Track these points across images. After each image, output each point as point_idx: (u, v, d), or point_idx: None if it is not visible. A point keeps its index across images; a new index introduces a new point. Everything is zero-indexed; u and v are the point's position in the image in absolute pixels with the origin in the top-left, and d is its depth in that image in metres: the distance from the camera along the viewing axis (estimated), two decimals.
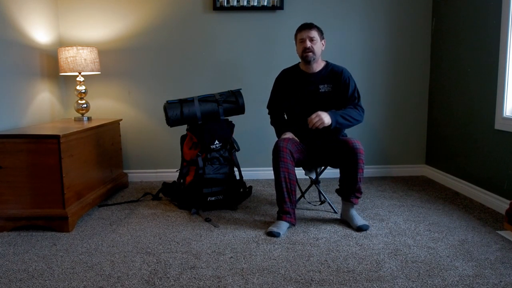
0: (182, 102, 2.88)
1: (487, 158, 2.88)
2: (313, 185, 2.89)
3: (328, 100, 2.59)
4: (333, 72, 2.60)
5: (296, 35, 2.61)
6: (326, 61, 2.67)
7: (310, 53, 2.52)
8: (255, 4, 3.47)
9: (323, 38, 2.60)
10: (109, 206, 2.96)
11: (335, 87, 2.59)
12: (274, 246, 2.24)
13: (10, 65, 2.81)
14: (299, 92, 2.62)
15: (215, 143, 2.81)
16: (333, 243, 2.27)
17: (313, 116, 2.40)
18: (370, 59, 3.65)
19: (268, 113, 2.86)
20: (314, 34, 2.53)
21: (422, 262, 2.03)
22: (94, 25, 3.51)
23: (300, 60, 2.66)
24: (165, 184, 3.15)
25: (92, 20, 3.50)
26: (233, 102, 2.95)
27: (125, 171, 3.61)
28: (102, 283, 1.85)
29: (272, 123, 2.82)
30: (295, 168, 2.51)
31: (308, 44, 2.51)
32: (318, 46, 2.55)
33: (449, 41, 3.37)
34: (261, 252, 2.16)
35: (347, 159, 2.42)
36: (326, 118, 2.39)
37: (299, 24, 3.62)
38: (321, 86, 2.59)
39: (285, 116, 2.80)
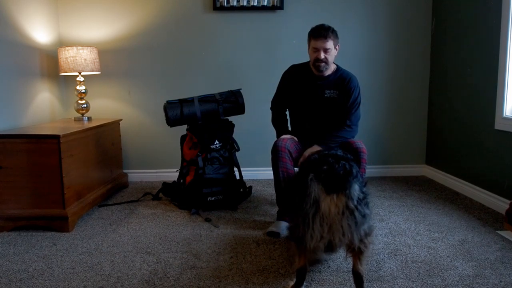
0: (182, 102, 2.88)
1: (487, 158, 2.88)
2: None
3: (332, 106, 2.54)
4: (341, 79, 2.53)
5: (310, 39, 2.48)
6: (337, 65, 2.59)
7: (323, 64, 2.43)
8: (255, 4, 3.47)
9: (337, 43, 2.47)
10: (109, 206, 2.96)
11: (341, 93, 2.53)
12: (274, 246, 2.23)
13: (10, 65, 2.81)
14: (305, 94, 2.57)
15: (215, 143, 2.81)
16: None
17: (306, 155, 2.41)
18: (370, 59, 3.65)
19: (271, 108, 2.76)
20: (330, 44, 2.40)
21: (422, 262, 2.03)
22: (94, 25, 3.51)
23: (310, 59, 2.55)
24: (165, 184, 3.15)
25: (92, 20, 3.50)
26: (233, 102, 2.95)
27: (125, 171, 3.61)
28: (102, 283, 1.85)
29: (273, 121, 2.74)
30: (295, 168, 2.51)
31: (322, 55, 2.40)
32: (332, 55, 2.44)
33: (449, 41, 3.37)
34: (261, 252, 2.16)
35: None
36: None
37: (299, 24, 3.59)
38: (327, 91, 2.52)
39: (287, 112, 2.76)
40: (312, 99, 2.55)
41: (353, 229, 1.48)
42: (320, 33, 2.40)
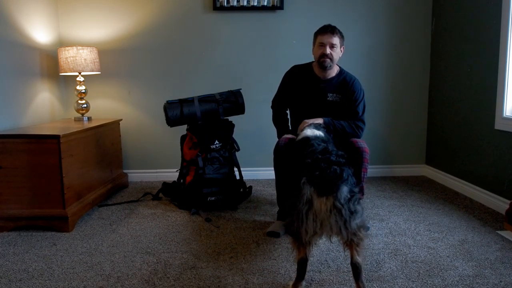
0: (182, 102, 2.88)
1: (487, 158, 2.88)
2: None
3: (334, 109, 2.52)
4: (344, 82, 2.51)
5: (316, 36, 2.49)
6: (340, 68, 2.58)
7: (328, 60, 2.42)
8: (255, 4, 3.47)
9: (343, 45, 2.49)
10: (109, 206, 2.96)
11: (344, 97, 2.51)
12: (274, 246, 2.23)
13: (10, 65, 2.81)
14: (307, 96, 2.54)
15: (215, 143, 2.81)
16: (333, 243, 2.26)
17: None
18: (370, 59, 3.65)
19: (271, 107, 2.74)
20: (336, 41, 2.42)
21: (422, 262, 2.03)
22: (94, 25, 3.51)
23: (313, 60, 2.55)
24: (165, 184, 3.15)
25: (92, 20, 3.50)
26: (233, 102, 2.95)
27: (125, 171, 3.61)
28: (102, 283, 1.85)
29: (274, 121, 2.72)
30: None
31: (328, 50, 2.40)
32: (337, 53, 2.45)
33: (449, 41, 3.37)
34: (261, 252, 2.16)
35: (352, 159, 2.40)
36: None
37: (299, 24, 3.60)
38: (329, 95, 2.51)
39: (288, 112, 2.76)
40: (315, 102, 2.53)
41: (340, 225, 1.62)
42: (327, 28, 2.44)
